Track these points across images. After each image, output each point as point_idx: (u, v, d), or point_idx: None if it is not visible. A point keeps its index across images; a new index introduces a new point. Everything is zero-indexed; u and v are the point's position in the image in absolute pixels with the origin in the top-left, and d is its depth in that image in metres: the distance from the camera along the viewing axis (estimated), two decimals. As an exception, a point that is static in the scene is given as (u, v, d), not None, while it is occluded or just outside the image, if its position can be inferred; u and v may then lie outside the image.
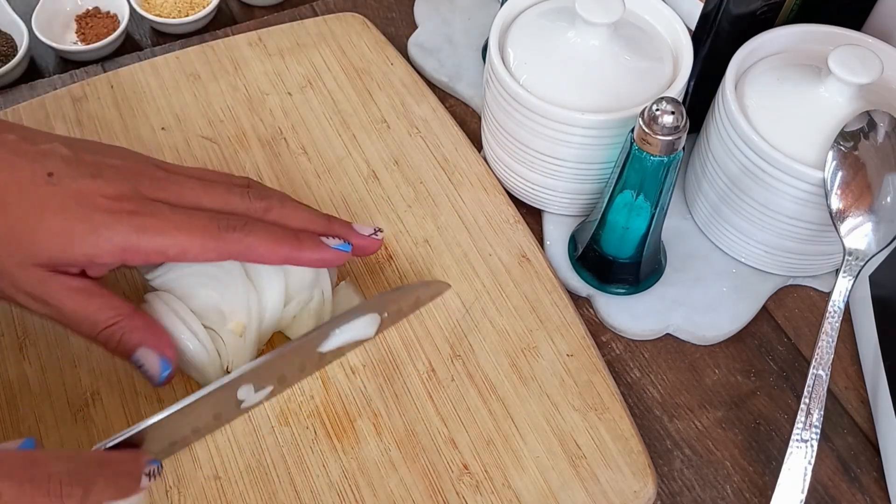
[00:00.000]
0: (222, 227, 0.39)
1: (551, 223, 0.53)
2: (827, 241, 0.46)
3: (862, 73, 0.42)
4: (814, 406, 0.40)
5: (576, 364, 0.45)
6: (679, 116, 0.39)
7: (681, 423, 0.46)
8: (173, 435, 0.40)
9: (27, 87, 0.59)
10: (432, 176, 0.52)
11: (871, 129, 0.43)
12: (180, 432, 0.40)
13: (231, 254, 0.39)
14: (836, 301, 0.42)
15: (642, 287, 0.49)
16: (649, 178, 0.42)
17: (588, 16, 0.44)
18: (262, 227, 0.40)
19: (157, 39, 0.65)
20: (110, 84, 0.56)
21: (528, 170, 0.50)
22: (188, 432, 0.40)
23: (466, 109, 0.60)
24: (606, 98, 0.46)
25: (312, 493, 0.40)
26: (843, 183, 0.43)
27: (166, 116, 0.55)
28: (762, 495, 0.43)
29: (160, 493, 0.40)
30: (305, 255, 0.41)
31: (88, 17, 0.64)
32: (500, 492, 0.41)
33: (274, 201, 0.42)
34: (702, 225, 0.52)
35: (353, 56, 0.59)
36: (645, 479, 0.41)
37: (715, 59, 0.49)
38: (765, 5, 0.48)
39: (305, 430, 0.42)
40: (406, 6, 0.66)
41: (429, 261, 0.48)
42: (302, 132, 0.55)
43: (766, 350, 0.49)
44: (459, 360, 0.45)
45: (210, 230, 0.39)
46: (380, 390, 0.44)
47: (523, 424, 0.43)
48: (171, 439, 0.40)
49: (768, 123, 0.45)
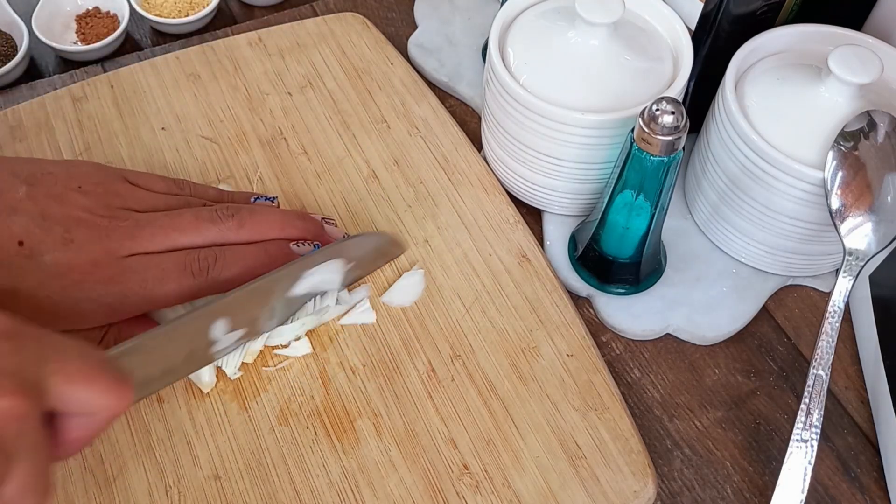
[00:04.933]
0: (195, 271, 0.40)
1: (551, 223, 0.53)
2: (827, 241, 0.46)
3: (862, 73, 0.42)
4: (814, 406, 0.40)
5: (576, 364, 0.45)
6: (679, 116, 0.39)
7: (681, 423, 0.46)
8: (145, 370, 0.38)
9: (27, 87, 0.59)
10: (432, 176, 0.52)
11: (871, 129, 0.43)
12: (152, 369, 0.38)
13: (211, 291, 0.41)
14: (836, 301, 0.42)
15: (642, 287, 0.49)
16: (649, 178, 0.42)
17: (588, 16, 0.44)
18: (232, 258, 0.41)
19: (157, 39, 0.65)
20: (110, 84, 0.56)
21: (528, 170, 0.50)
22: (158, 372, 0.39)
23: (466, 109, 0.60)
24: (606, 98, 0.46)
25: (312, 492, 0.40)
26: (844, 183, 0.43)
27: (166, 116, 0.55)
28: (762, 495, 0.43)
29: (160, 493, 0.40)
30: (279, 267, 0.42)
31: (88, 17, 0.64)
32: (500, 492, 0.41)
33: (244, 213, 0.43)
34: (702, 225, 0.52)
35: (353, 56, 0.59)
36: (645, 479, 0.41)
37: (715, 59, 0.49)
38: (765, 5, 0.48)
39: (305, 430, 0.42)
40: (406, 6, 0.66)
41: (429, 261, 0.48)
42: (302, 132, 0.55)
43: (766, 350, 0.49)
44: (459, 360, 0.45)
45: (185, 276, 0.40)
46: (380, 390, 0.44)
47: (523, 424, 0.43)
48: (143, 376, 0.38)
49: (768, 123, 0.45)
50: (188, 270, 0.40)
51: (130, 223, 0.40)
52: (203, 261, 0.41)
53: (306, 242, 0.44)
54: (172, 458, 0.41)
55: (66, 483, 0.40)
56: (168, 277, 0.40)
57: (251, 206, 0.44)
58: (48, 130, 0.53)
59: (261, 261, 0.42)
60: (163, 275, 0.40)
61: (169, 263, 0.40)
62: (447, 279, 0.48)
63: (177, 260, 0.40)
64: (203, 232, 0.41)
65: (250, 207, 0.44)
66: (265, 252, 0.42)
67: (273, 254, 0.42)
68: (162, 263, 0.40)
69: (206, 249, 0.41)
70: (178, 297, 0.41)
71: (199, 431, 0.42)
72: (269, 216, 0.43)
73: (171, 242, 0.41)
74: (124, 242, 0.40)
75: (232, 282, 0.41)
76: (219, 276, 0.41)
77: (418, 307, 0.47)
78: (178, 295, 0.40)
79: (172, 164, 0.52)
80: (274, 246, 0.43)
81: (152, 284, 0.40)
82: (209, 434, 0.42)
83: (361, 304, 0.46)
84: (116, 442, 0.41)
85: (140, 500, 0.40)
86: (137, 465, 0.41)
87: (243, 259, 0.42)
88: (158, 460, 0.41)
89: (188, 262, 0.40)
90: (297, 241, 0.44)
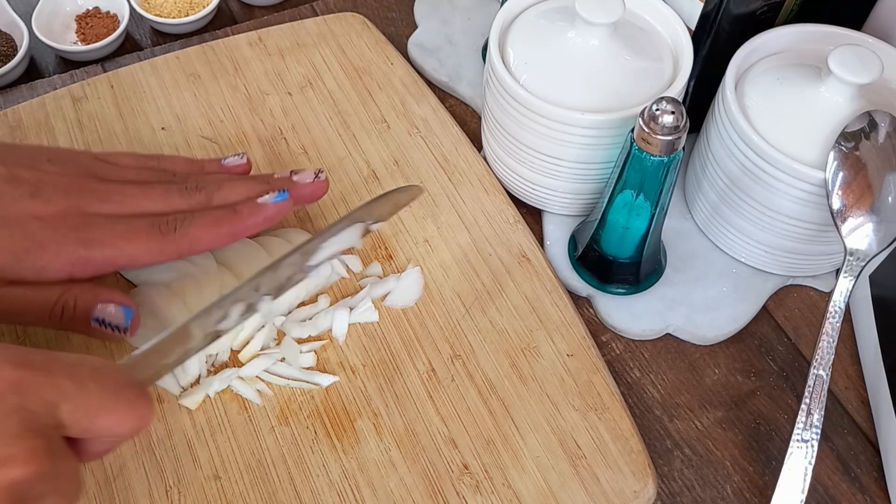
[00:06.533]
0: (163, 230, 0.40)
1: (551, 223, 0.53)
2: (827, 241, 0.46)
3: (862, 73, 0.42)
4: (814, 406, 0.40)
5: (576, 364, 0.45)
6: (679, 116, 0.39)
7: (681, 423, 0.46)
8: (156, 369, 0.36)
9: (27, 87, 0.59)
10: (432, 176, 0.52)
11: (871, 129, 0.43)
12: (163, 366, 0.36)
13: (179, 252, 0.41)
14: (836, 301, 0.42)
15: (642, 287, 0.49)
16: (649, 178, 0.42)
17: (588, 16, 0.44)
18: (199, 217, 0.41)
19: (157, 39, 0.65)
20: (110, 84, 0.56)
21: (528, 170, 0.50)
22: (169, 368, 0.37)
23: (466, 109, 0.60)
24: (606, 98, 0.46)
25: (312, 493, 0.40)
26: (845, 183, 0.43)
27: (166, 116, 0.55)
28: (762, 495, 0.43)
29: (160, 493, 0.40)
30: (248, 223, 0.42)
31: (88, 17, 0.64)
32: (500, 492, 0.41)
33: (212, 186, 0.43)
34: (702, 225, 0.52)
35: (353, 56, 0.59)
36: (645, 479, 0.41)
37: (715, 59, 0.49)
38: (765, 5, 0.48)
39: (305, 430, 0.42)
40: (406, 6, 0.66)
41: (429, 261, 0.48)
42: (302, 132, 0.55)
43: (766, 350, 0.49)
44: (459, 360, 0.45)
45: (153, 234, 0.40)
46: (380, 390, 0.44)
47: (523, 424, 0.43)
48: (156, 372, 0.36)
49: (768, 123, 0.45)
50: (157, 229, 0.40)
51: (101, 189, 0.40)
52: (172, 221, 0.40)
53: (271, 191, 0.43)
54: (172, 458, 0.41)
55: (66, 483, 0.40)
56: (137, 235, 0.39)
57: (219, 179, 0.44)
58: (48, 130, 0.53)
59: (226, 217, 0.41)
60: (131, 232, 0.39)
61: (138, 222, 0.40)
62: (447, 279, 0.48)
63: (146, 220, 0.40)
64: (172, 204, 0.41)
65: (218, 180, 0.43)
66: (230, 209, 0.42)
67: (238, 209, 0.42)
68: (131, 222, 0.40)
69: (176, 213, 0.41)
70: (147, 256, 0.40)
71: (199, 431, 0.42)
72: (236, 186, 0.43)
73: (139, 209, 0.41)
74: (93, 203, 0.40)
75: (200, 241, 0.41)
76: (186, 232, 0.40)
77: (418, 307, 0.47)
78: (146, 254, 0.40)
79: (172, 164, 0.52)
80: (239, 203, 0.42)
81: (119, 239, 0.39)
82: (209, 434, 0.42)
83: (364, 303, 0.46)
84: (116, 442, 0.41)
85: (140, 500, 0.40)
86: (137, 465, 0.41)
87: (211, 218, 0.41)
88: (158, 460, 0.41)
89: (157, 222, 0.40)
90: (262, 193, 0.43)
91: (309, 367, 0.44)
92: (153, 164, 0.44)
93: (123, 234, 0.39)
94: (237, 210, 0.42)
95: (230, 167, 0.46)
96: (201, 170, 0.46)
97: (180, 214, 0.41)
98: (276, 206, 0.42)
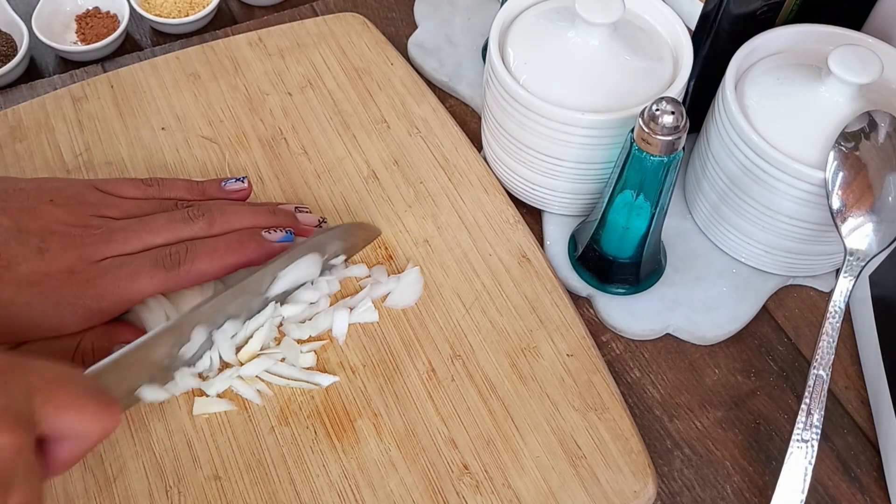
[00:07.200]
0: (167, 265, 0.41)
1: (551, 223, 0.53)
2: (827, 241, 0.46)
3: (862, 73, 0.42)
4: (814, 406, 0.40)
5: (576, 364, 0.45)
6: (679, 116, 0.39)
7: (681, 423, 0.46)
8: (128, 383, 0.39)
9: (27, 87, 0.59)
10: (432, 176, 0.52)
11: (871, 129, 0.43)
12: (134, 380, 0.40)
13: (185, 283, 0.42)
14: (836, 301, 0.42)
15: (642, 287, 0.49)
16: (649, 178, 0.42)
17: (588, 16, 0.44)
18: (203, 248, 0.42)
19: (157, 39, 0.65)
20: (110, 84, 0.56)
21: (528, 170, 0.50)
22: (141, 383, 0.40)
23: (466, 109, 0.60)
24: (606, 98, 0.46)
25: (312, 493, 0.40)
26: (845, 183, 0.43)
27: (166, 116, 0.55)
28: (762, 495, 0.43)
29: (160, 493, 0.40)
30: (252, 256, 0.43)
31: (88, 17, 0.64)
32: (500, 492, 0.41)
33: (214, 213, 0.43)
34: (702, 225, 0.52)
35: (353, 56, 0.59)
36: (645, 479, 0.41)
37: (715, 59, 0.49)
38: (765, 5, 0.48)
39: (305, 430, 0.42)
40: (406, 6, 0.66)
41: (429, 261, 0.48)
42: (302, 132, 0.55)
43: (766, 350, 0.49)
44: (459, 360, 0.45)
45: (157, 271, 0.41)
46: (380, 390, 0.44)
47: (523, 424, 0.43)
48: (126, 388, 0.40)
49: (768, 123, 0.45)
50: (160, 265, 0.41)
51: (104, 230, 0.41)
52: (175, 254, 0.41)
53: (278, 229, 0.44)
54: (172, 458, 0.41)
55: (66, 483, 0.40)
56: (141, 273, 0.40)
57: (221, 205, 0.44)
58: (48, 130, 0.53)
59: (232, 248, 0.42)
60: (136, 271, 0.40)
61: (142, 260, 0.41)
62: (447, 279, 0.48)
63: (149, 256, 0.41)
64: (176, 233, 0.42)
65: (220, 206, 0.44)
66: (236, 240, 0.43)
67: (244, 241, 0.43)
68: (135, 261, 0.41)
69: (177, 244, 0.42)
70: (153, 292, 0.41)
71: (199, 431, 0.42)
72: (239, 213, 0.44)
73: (144, 244, 0.41)
74: (98, 247, 0.40)
75: (205, 273, 0.42)
76: (191, 266, 0.41)
77: (418, 307, 0.47)
78: (152, 290, 0.41)
79: (172, 164, 0.52)
80: (245, 234, 0.43)
81: (126, 282, 0.40)
82: (209, 434, 0.42)
83: (364, 304, 0.46)
84: (116, 442, 0.41)
85: (140, 500, 0.40)
86: (137, 465, 0.41)
87: (214, 249, 0.42)
88: (158, 460, 0.41)
89: (160, 257, 0.41)
90: (269, 228, 0.44)
91: (309, 367, 0.44)
92: (153, 193, 0.45)
93: (130, 276, 0.40)
94: (242, 242, 0.43)
95: (231, 191, 0.47)
96: (202, 194, 0.46)
97: (183, 246, 0.42)
98: (280, 246, 0.44)
